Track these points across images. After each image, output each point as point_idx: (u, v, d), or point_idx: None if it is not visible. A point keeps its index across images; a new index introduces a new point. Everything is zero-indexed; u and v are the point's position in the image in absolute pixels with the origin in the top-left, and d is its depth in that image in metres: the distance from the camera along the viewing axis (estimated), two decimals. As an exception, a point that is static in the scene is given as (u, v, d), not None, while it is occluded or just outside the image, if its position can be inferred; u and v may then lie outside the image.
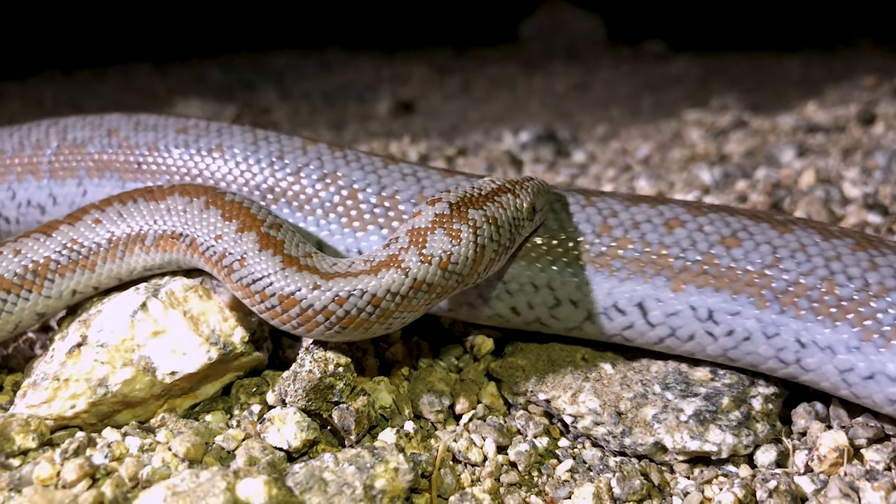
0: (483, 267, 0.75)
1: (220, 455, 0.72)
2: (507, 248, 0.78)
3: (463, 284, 0.75)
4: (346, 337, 0.74)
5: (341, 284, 0.72)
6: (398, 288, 0.72)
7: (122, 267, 0.81)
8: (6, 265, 0.80)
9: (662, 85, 3.02)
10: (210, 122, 0.98)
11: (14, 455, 0.71)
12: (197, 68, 3.45)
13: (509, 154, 1.79)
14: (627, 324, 0.82)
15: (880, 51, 3.40)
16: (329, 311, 0.72)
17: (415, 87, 3.17)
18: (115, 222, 0.81)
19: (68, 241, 0.81)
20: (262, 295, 0.73)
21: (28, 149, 1.04)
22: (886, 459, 0.74)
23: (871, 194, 1.42)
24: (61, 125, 1.05)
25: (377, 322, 0.73)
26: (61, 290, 0.81)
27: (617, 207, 0.85)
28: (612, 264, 0.82)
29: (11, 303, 0.80)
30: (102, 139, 1.00)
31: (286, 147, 0.92)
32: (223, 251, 0.76)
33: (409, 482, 0.68)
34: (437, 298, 0.75)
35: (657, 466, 0.76)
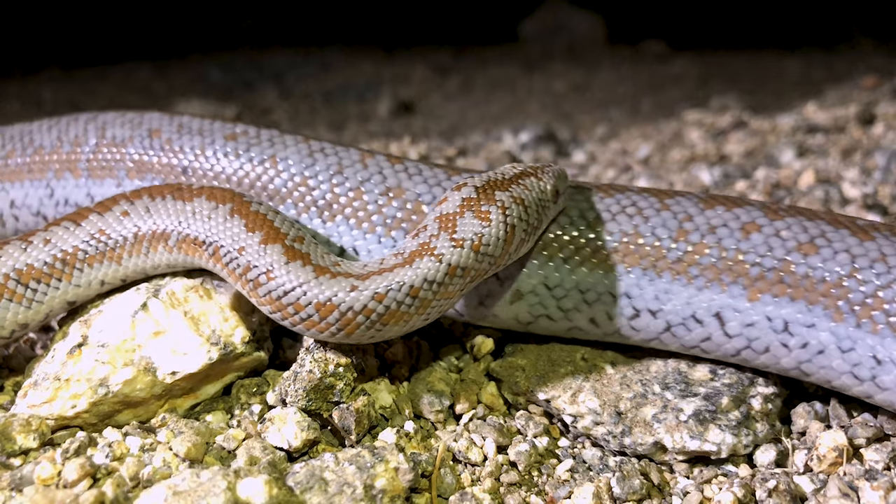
0: (514, 247, 0.76)
1: (221, 455, 0.72)
2: (536, 229, 0.78)
3: (495, 266, 0.76)
4: (385, 334, 0.74)
5: (378, 281, 0.72)
6: (434, 276, 0.72)
7: (146, 262, 0.81)
8: (36, 254, 0.80)
9: (662, 85, 3.02)
10: (259, 129, 0.95)
11: (15, 455, 0.71)
12: (197, 68, 3.45)
13: (509, 154, 1.79)
14: (705, 335, 0.79)
15: (880, 51, 3.40)
16: (369, 310, 0.71)
17: (415, 87, 3.17)
18: (143, 217, 0.81)
19: (96, 231, 0.81)
20: (296, 306, 0.72)
21: (66, 145, 1.01)
22: (886, 459, 0.74)
23: (871, 194, 1.42)
24: (100, 121, 1.01)
25: (416, 314, 0.73)
26: (90, 279, 0.81)
27: (692, 210, 0.82)
28: (689, 271, 0.79)
29: (42, 292, 0.80)
30: (143, 140, 0.97)
31: (344, 160, 0.89)
32: (247, 264, 0.75)
33: (410, 482, 0.68)
34: (470, 283, 0.75)
35: (657, 466, 0.76)
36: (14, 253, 0.80)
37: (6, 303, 0.79)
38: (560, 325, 0.84)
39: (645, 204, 0.83)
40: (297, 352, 0.84)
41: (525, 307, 0.83)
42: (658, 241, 0.80)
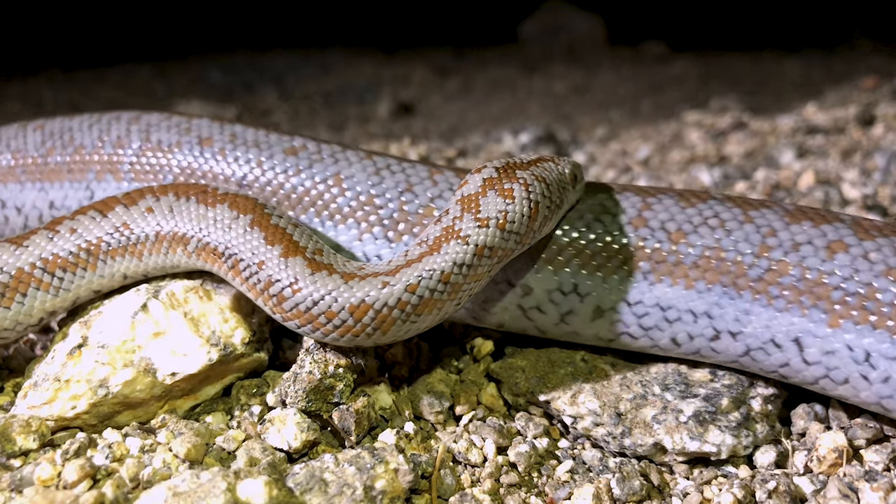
0: (538, 224, 0.76)
1: (221, 456, 0.72)
2: (558, 208, 0.78)
3: (520, 245, 0.76)
4: (420, 325, 0.74)
5: (409, 272, 0.72)
6: (463, 258, 0.72)
7: (166, 262, 0.81)
8: (62, 244, 0.80)
9: (662, 86, 3.02)
10: (320, 143, 0.91)
11: (15, 456, 0.71)
12: (197, 69, 3.45)
13: (509, 155, 1.79)
14: (784, 361, 0.76)
15: (880, 52, 3.40)
16: (404, 303, 0.71)
17: (415, 88, 3.17)
18: (165, 217, 0.80)
19: (121, 224, 0.81)
20: (328, 314, 0.72)
21: (108, 146, 0.97)
22: (885, 460, 0.74)
23: (871, 195, 1.42)
24: (143, 123, 0.97)
25: (449, 299, 0.73)
26: (113, 271, 0.81)
27: (777, 225, 0.77)
28: (769, 291, 0.75)
29: (68, 280, 0.80)
30: (192, 147, 0.93)
31: (412, 177, 0.86)
32: (268, 278, 0.74)
33: (410, 483, 0.68)
34: (498, 264, 0.75)
35: (657, 467, 0.76)
36: (41, 242, 0.81)
37: (34, 291, 0.80)
38: (641, 343, 0.81)
39: (728, 216, 0.79)
40: (297, 353, 0.84)
41: (607, 325, 0.81)
42: (740, 257, 0.77)
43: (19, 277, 0.79)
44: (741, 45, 3.66)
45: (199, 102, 2.59)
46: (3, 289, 0.79)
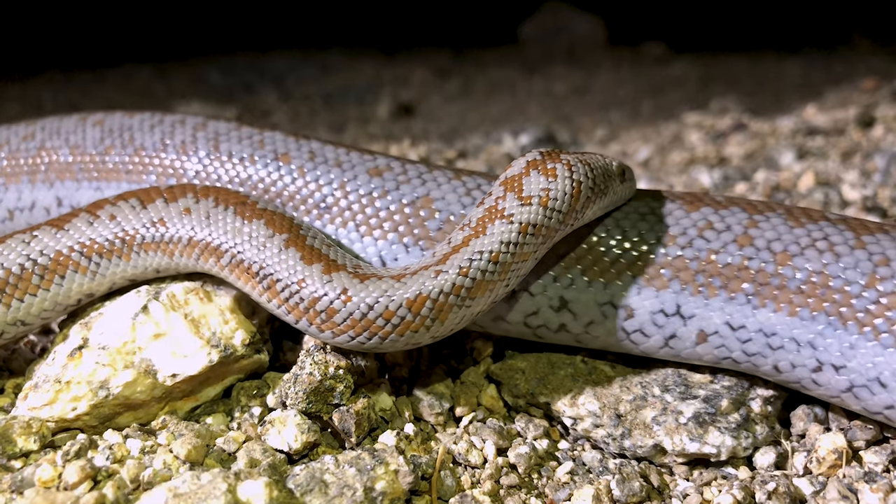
0: (580, 205, 0.76)
1: (221, 457, 0.72)
2: (602, 194, 0.78)
3: (563, 226, 0.75)
4: (474, 309, 0.73)
5: (458, 257, 0.72)
6: (509, 237, 0.72)
7: (195, 266, 0.81)
8: (101, 230, 0.81)
9: (662, 87, 3.02)
10: (405, 163, 0.87)
11: (16, 457, 0.71)
12: (197, 70, 3.45)
13: (509, 157, 1.79)
14: (889, 402, 0.72)
15: (880, 53, 3.41)
16: (458, 287, 0.71)
17: (415, 89, 3.17)
18: (202, 223, 0.79)
19: (158, 219, 0.80)
20: (386, 314, 0.71)
21: (171, 150, 0.92)
22: (885, 461, 0.75)
23: (871, 197, 1.42)
24: (210, 130, 0.92)
25: (499, 279, 0.73)
26: (146, 264, 0.81)
27: (892, 253, 0.73)
28: (876, 325, 0.71)
29: (104, 266, 0.81)
30: (268, 163, 0.88)
31: None
32: (312, 295, 0.73)
33: (410, 484, 0.68)
34: (543, 244, 0.75)
35: (657, 468, 0.76)
36: (81, 226, 0.81)
37: (71, 274, 0.80)
38: (743, 367, 0.78)
39: (839, 239, 0.75)
40: (298, 354, 0.85)
41: (711, 349, 0.78)
42: (847, 286, 0.72)
43: (58, 260, 0.80)
44: (741, 47, 3.67)
45: (199, 103, 2.60)
46: (42, 271, 0.80)
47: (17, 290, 0.80)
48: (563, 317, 0.81)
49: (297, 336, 0.91)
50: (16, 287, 0.79)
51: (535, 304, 0.81)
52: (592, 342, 0.82)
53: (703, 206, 0.81)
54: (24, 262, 0.80)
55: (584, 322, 0.80)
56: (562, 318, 0.81)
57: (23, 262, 0.80)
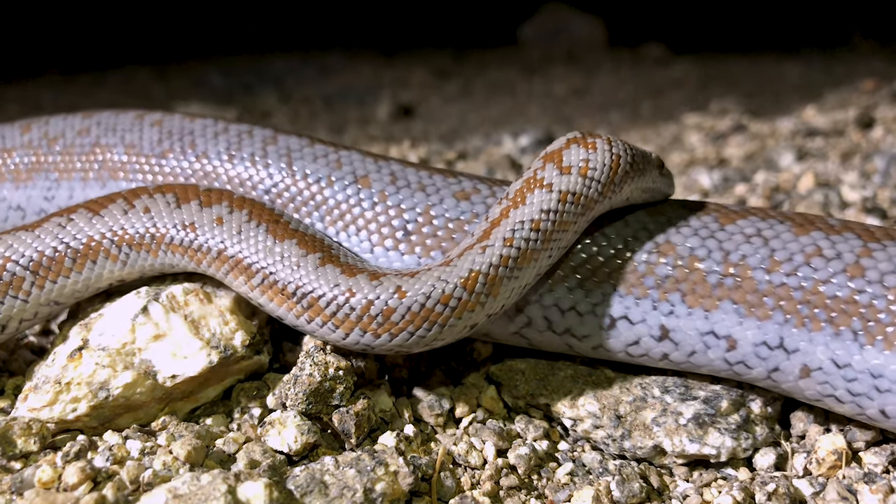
0: (619, 177, 0.76)
1: (221, 458, 0.72)
2: (640, 173, 0.79)
3: (602, 196, 0.76)
4: (523, 280, 0.74)
5: (500, 229, 0.73)
6: (549, 205, 0.74)
7: (223, 280, 0.79)
8: (133, 221, 0.80)
9: (662, 89, 3.02)
10: (492, 185, 0.84)
11: (16, 458, 0.71)
12: (197, 72, 3.45)
13: (509, 158, 1.79)
14: None
15: (879, 54, 3.41)
16: (506, 258, 0.72)
17: (415, 90, 3.17)
18: (232, 236, 0.78)
19: (189, 223, 0.79)
20: (444, 298, 0.71)
21: (239, 162, 0.87)
22: (885, 462, 0.75)
23: (870, 198, 1.42)
24: (282, 145, 0.88)
25: (542, 248, 0.73)
26: (173, 264, 0.81)
27: None
28: None
29: (134, 258, 0.81)
30: (348, 186, 0.84)
31: (603, 219, 0.80)
32: (365, 303, 0.72)
33: (410, 485, 0.68)
34: (582, 214, 0.75)
35: (656, 469, 0.76)
36: (116, 214, 0.81)
37: (102, 260, 0.80)
38: (846, 409, 0.74)
39: None
40: (297, 355, 0.85)
41: (814, 384, 0.74)
42: None
43: (90, 245, 0.80)
44: (741, 48, 3.67)
45: (199, 105, 2.60)
46: (75, 255, 0.80)
47: (50, 273, 0.80)
48: (665, 346, 0.78)
49: (297, 337, 0.91)
50: (49, 269, 0.80)
51: (636, 332, 0.78)
52: (696, 371, 0.79)
53: (814, 229, 0.77)
54: (57, 246, 0.80)
55: (687, 352, 0.77)
56: (664, 348, 0.78)
57: (56, 245, 0.80)
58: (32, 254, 0.80)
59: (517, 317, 0.80)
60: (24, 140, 1.02)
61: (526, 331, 0.81)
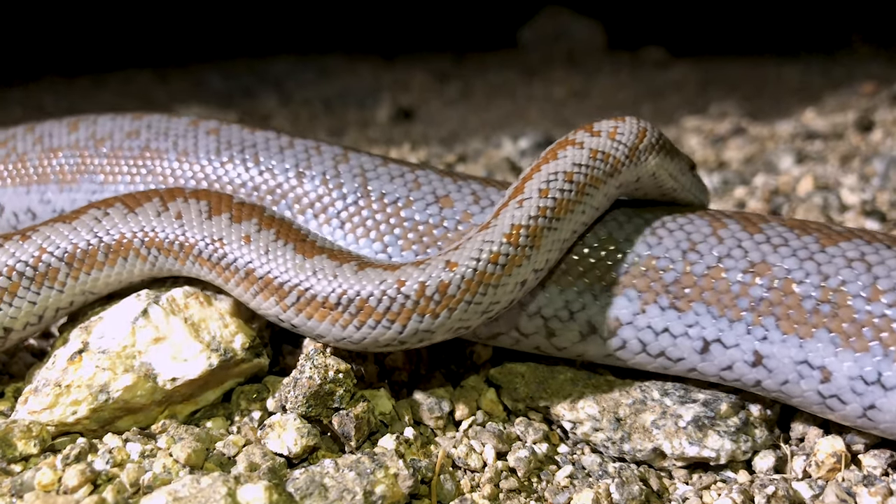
0: (644, 146, 0.79)
1: (221, 461, 0.72)
2: (666, 154, 0.82)
3: (629, 161, 0.79)
4: (562, 233, 0.75)
5: (534, 182, 0.76)
6: (580, 159, 0.77)
7: (249, 302, 0.78)
8: (164, 226, 0.80)
9: (661, 91, 3.02)
10: None
11: (16, 461, 0.71)
12: (197, 75, 3.46)
13: (509, 161, 1.79)
14: None
15: (879, 57, 3.41)
16: (544, 207, 0.74)
17: (414, 93, 3.17)
18: (260, 255, 0.76)
19: (218, 237, 0.78)
20: (493, 257, 0.72)
21: (308, 181, 0.84)
22: (884, 465, 0.75)
23: (869, 201, 1.42)
24: (354, 164, 0.84)
25: (577, 200, 0.76)
26: (199, 274, 0.80)
27: None
28: None
29: (162, 261, 0.80)
30: (428, 205, 0.82)
31: (694, 234, 0.77)
32: (418, 283, 0.71)
33: (409, 488, 0.68)
34: (610, 174, 0.78)
35: (656, 472, 0.77)
36: (150, 214, 0.81)
37: (133, 258, 0.80)
38: None
39: None
40: (297, 358, 0.85)
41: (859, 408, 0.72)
42: None
43: (121, 242, 0.80)
44: (740, 51, 3.67)
45: (200, 107, 2.60)
46: (107, 250, 0.80)
47: (84, 265, 0.80)
48: (759, 373, 0.74)
49: (297, 340, 0.91)
50: (83, 262, 0.80)
51: (729, 357, 0.75)
52: (787, 401, 0.76)
53: None
54: (91, 240, 0.80)
55: (780, 380, 0.74)
56: (757, 374, 0.75)
57: (90, 238, 0.80)
58: (67, 246, 0.80)
59: (611, 340, 0.79)
60: (71, 140, 0.98)
61: (621, 353, 0.79)
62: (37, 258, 0.80)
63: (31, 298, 0.80)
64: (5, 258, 0.80)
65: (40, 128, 1.03)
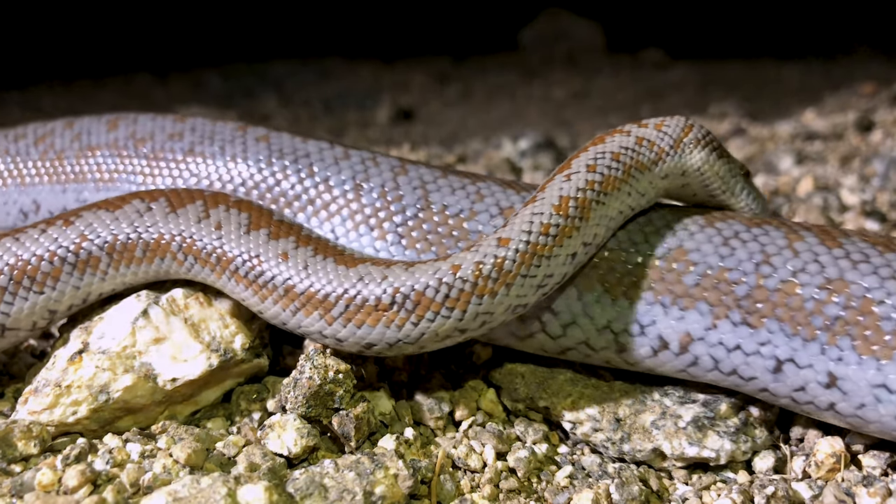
0: (690, 140, 0.81)
1: (221, 461, 0.72)
2: (716, 153, 0.83)
3: (673, 150, 0.81)
4: (609, 209, 0.76)
5: (581, 160, 0.78)
6: (626, 143, 0.80)
7: (287, 321, 0.77)
8: (203, 234, 0.78)
9: (661, 92, 3.03)
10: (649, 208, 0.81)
11: (16, 461, 0.71)
12: (197, 77, 3.46)
13: (508, 162, 1.79)
14: None
15: (878, 58, 3.41)
16: (591, 181, 0.76)
17: (414, 94, 3.17)
18: (299, 271, 0.75)
19: (256, 254, 0.76)
20: (544, 228, 0.73)
21: (365, 195, 0.82)
22: (883, 465, 0.75)
23: (869, 201, 1.42)
24: (414, 175, 0.82)
25: (623, 180, 0.77)
26: (235, 292, 0.79)
27: None
28: None
29: (198, 269, 0.80)
30: (492, 217, 0.80)
31: (769, 246, 0.74)
32: (473, 263, 0.71)
33: (409, 488, 0.68)
34: (655, 163, 0.80)
35: (656, 472, 0.77)
36: (190, 218, 0.80)
37: (170, 260, 0.80)
38: None
39: None
40: (297, 358, 0.85)
41: None
42: None
43: (160, 242, 0.80)
44: (740, 52, 3.68)
45: (200, 108, 2.60)
46: (145, 247, 0.80)
47: (123, 258, 0.80)
48: (833, 395, 0.71)
49: (297, 340, 0.91)
50: (122, 254, 0.80)
51: (802, 378, 0.72)
52: (864, 427, 0.73)
53: None
54: (130, 234, 0.80)
55: (855, 404, 0.71)
56: (831, 397, 0.71)
57: (130, 233, 0.80)
58: (108, 236, 0.80)
59: (682, 355, 0.76)
60: (110, 138, 0.95)
61: (692, 369, 0.77)
62: (77, 245, 0.79)
63: (75, 283, 0.80)
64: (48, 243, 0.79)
65: (79, 124, 1.00)
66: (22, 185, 0.98)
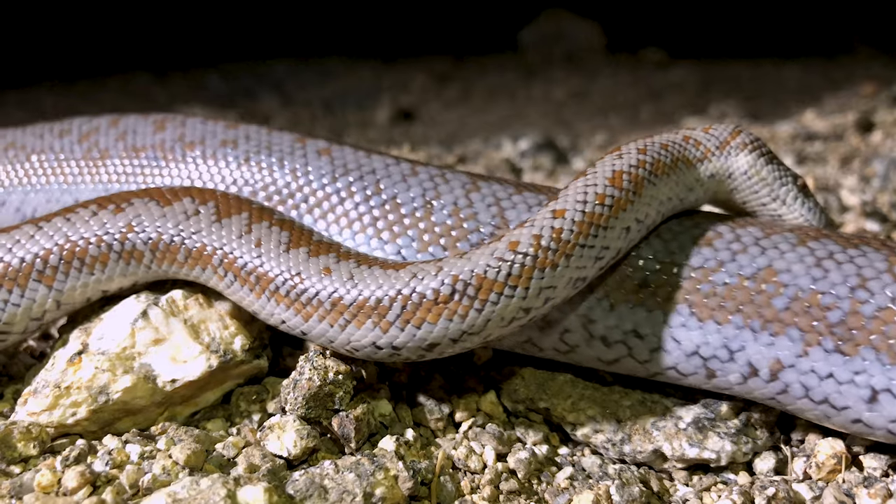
0: (737, 143, 0.84)
1: (221, 462, 0.72)
2: (762, 158, 0.84)
3: (719, 151, 0.83)
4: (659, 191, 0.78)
5: (632, 145, 0.80)
6: (674, 139, 0.82)
7: (333, 339, 0.75)
8: (244, 251, 0.76)
9: (661, 93, 3.03)
10: (737, 228, 0.78)
11: (15, 462, 0.71)
12: (197, 77, 3.46)
13: (508, 162, 1.79)
14: None
15: (879, 59, 3.41)
16: (643, 161, 0.78)
17: (414, 94, 3.18)
18: (344, 283, 0.72)
19: (297, 271, 0.74)
20: (600, 197, 0.73)
21: (435, 213, 0.79)
22: (884, 466, 0.74)
23: (870, 202, 1.42)
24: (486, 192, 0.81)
25: (672, 167, 0.80)
26: (272, 312, 0.76)
27: None
28: None
29: (237, 286, 0.78)
30: None
31: (866, 269, 0.71)
32: (529, 247, 0.70)
33: (409, 490, 0.68)
34: (700, 161, 0.82)
35: (656, 474, 0.76)
36: (234, 230, 0.77)
37: (210, 271, 0.78)
38: None
39: None
40: (297, 360, 0.85)
41: None
42: None
43: (202, 251, 0.78)
44: (740, 52, 3.68)
45: (201, 108, 2.60)
46: (187, 253, 0.78)
47: (166, 257, 0.79)
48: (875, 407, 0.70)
49: (297, 341, 0.91)
50: (165, 253, 0.79)
51: (843, 397, 0.71)
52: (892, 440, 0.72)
53: None
54: (174, 235, 0.79)
55: (890, 417, 0.70)
56: (872, 409, 0.70)
57: (175, 234, 0.79)
58: (152, 233, 0.79)
59: (772, 382, 0.73)
60: (156, 140, 0.92)
61: (782, 397, 0.73)
62: (122, 236, 0.79)
63: (122, 271, 0.80)
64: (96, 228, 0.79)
65: (124, 122, 0.97)
66: (65, 184, 0.95)
